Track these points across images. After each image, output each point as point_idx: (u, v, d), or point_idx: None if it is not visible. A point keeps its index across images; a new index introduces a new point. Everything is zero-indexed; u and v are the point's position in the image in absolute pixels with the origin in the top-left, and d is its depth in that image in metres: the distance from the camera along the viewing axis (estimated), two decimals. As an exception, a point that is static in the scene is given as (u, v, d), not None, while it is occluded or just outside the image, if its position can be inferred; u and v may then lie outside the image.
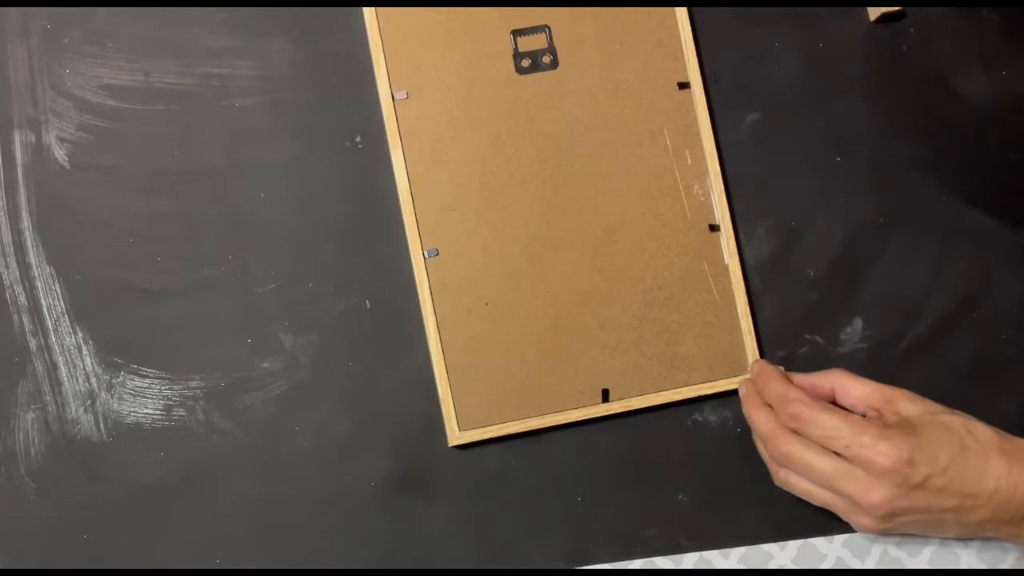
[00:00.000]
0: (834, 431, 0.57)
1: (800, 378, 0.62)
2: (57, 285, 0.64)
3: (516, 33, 0.66)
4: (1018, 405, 0.67)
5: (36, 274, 0.64)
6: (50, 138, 0.65)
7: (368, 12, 0.65)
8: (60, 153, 0.65)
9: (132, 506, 0.64)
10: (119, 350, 0.64)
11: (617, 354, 0.65)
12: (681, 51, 0.66)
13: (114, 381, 0.64)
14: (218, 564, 0.64)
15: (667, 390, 0.65)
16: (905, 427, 0.57)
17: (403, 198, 0.64)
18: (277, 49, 0.66)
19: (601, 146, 0.66)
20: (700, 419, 0.67)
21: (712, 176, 0.66)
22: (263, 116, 0.66)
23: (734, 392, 0.66)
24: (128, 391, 0.64)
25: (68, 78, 0.65)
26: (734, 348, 0.66)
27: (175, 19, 0.66)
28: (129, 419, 0.64)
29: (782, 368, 0.63)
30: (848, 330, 0.68)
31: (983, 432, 0.57)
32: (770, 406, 0.61)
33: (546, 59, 0.66)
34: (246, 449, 0.64)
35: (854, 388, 0.60)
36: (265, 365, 0.65)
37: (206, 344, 0.65)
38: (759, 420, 0.61)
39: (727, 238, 0.66)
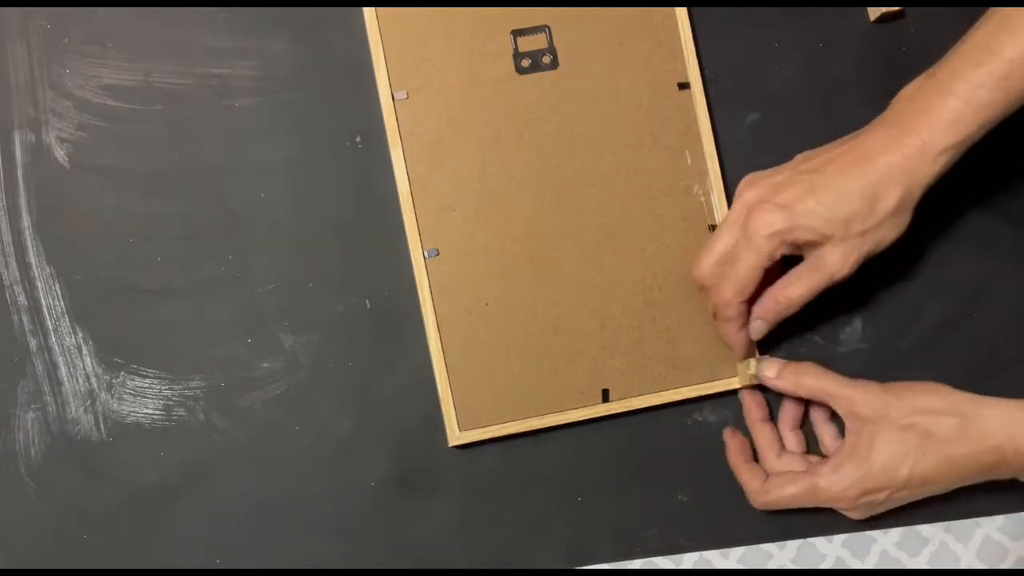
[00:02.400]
0: (797, 502, 0.61)
1: (778, 376, 0.63)
2: (57, 285, 0.64)
3: (516, 33, 0.66)
4: (1018, 405, 0.67)
5: (36, 274, 0.64)
6: (50, 138, 0.65)
7: (368, 12, 0.65)
8: (60, 153, 0.65)
9: (132, 506, 0.64)
10: (119, 350, 0.64)
11: (617, 354, 0.65)
12: (681, 51, 0.66)
13: (114, 381, 0.64)
14: (218, 564, 0.64)
15: (667, 390, 0.65)
16: (860, 450, 0.59)
17: (403, 198, 0.64)
18: (277, 49, 0.66)
19: (601, 146, 0.66)
20: (700, 419, 0.67)
21: (712, 176, 0.66)
22: (263, 116, 0.66)
23: (734, 392, 0.66)
24: (128, 391, 0.64)
25: (68, 78, 0.65)
26: (734, 348, 0.66)
27: (175, 19, 0.65)
28: (129, 419, 0.64)
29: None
30: (848, 330, 0.68)
31: (944, 428, 0.58)
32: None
33: (546, 59, 0.66)
34: (246, 449, 0.64)
35: (821, 394, 0.62)
36: (265, 365, 0.65)
37: (206, 344, 0.65)
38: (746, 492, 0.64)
39: (727, 238, 0.66)
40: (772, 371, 0.63)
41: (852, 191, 0.56)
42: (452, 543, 0.65)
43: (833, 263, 0.58)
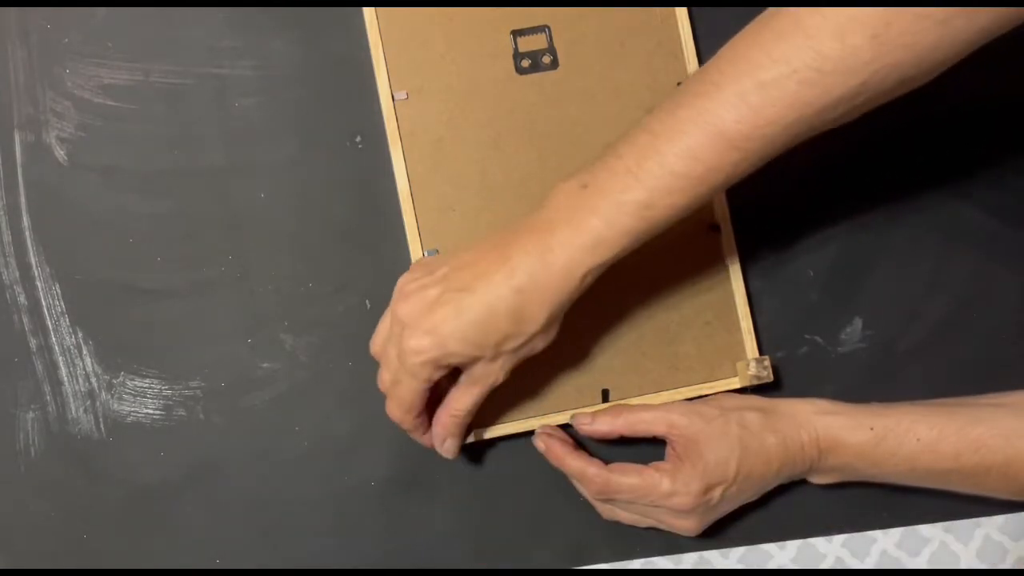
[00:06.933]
0: (636, 493, 0.61)
1: (594, 423, 0.63)
2: (57, 285, 0.64)
3: (516, 33, 0.66)
4: (1018, 405, 0.67)
5: (36, 274, 0.64)
6: (50, 138, 0.65)
7: (368, 12, 0.65)
8: (60, 153, 0.65)
9: (132, 506, 0.64)
10: (119, 350, 0.64)
11: (617, 354, 0.65)
12: (681, 51, 0.66)
13: (114, 381, 0.64)
14: (218, 564, 0.64)
15: (667, 390, 0.65)
16: (692, 453, 0.60)
17: (403, 198, 0.64)
18: (277, 49, 0.66)
19: (601, 146, 0.66)
20: (700, 419, 0.67)
21: (712, 176, 0.66)
22: (263, 116, 0.66)
23: (734, 392, 0.66)
24: (128, 391, 0.64)
25: (68, 78, 0.65)
26: (734, 348, 0.66)
27: (175, 19, 0.65)
28: (129, 419, 0.64)
29: (568, 437, 0.64)
30: (848, 330, 0.68)
31: (752, 420, 0.61)
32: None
33: (546, 59, 0.66)
34: (246, 449, 0.64)
35: (639, 423, 0.62)
36: (265, 365, 0.65)
37: (206, 344, 0.65)
38: (581, 482, 0.63)
39: (727, 238, 0.66)
40: (586, 419, 0.63)
41: (500, 313, 0.55)
42: (452, 543, 0.65)
43: (488, 376, 0.58)
